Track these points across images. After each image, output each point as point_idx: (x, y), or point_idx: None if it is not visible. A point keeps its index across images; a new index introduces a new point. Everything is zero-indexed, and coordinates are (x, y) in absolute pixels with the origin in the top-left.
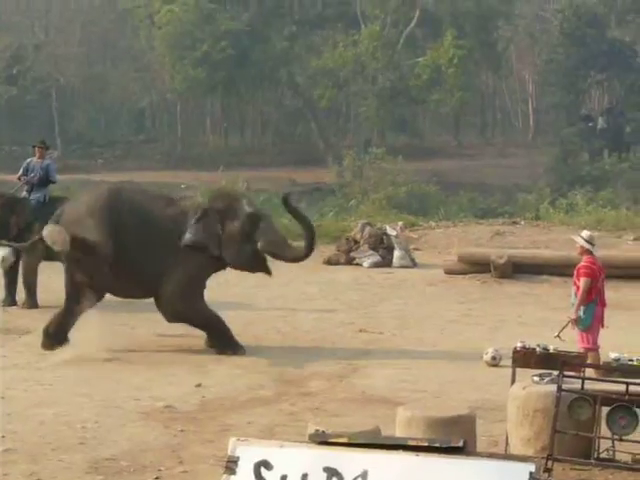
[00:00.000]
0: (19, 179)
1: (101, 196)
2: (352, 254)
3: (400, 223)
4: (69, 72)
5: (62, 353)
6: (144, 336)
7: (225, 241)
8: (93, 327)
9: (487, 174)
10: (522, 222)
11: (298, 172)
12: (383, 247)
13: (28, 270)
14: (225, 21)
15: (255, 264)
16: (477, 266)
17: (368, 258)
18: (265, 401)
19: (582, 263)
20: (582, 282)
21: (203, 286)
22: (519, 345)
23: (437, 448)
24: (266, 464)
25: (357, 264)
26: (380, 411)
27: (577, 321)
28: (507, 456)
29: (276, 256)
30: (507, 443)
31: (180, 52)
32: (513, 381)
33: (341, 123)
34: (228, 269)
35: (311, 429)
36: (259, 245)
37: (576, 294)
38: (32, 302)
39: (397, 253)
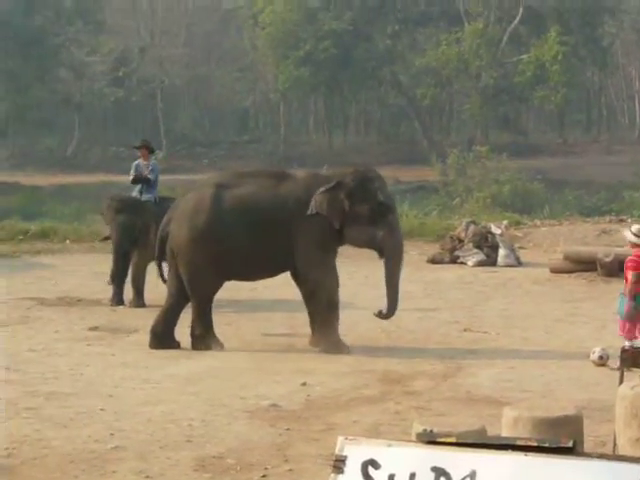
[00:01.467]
0: (134, 182)
1: (208, 189)
2: (456, 253)
3: (505, 221)
4: (174, 73)
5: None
6: (249, 335)
7: (349, 219)
8: None
9: (593, 172)
10: (629, 220)
11: (402, 171)
12: (488, 245)
13: (138, 270)
14: (328, 20)
15: (371, 247)
16: (583, 265)
17: (472, 257)
18: (370, 400)
19: (630, 257)
20: (630, 275)
21: (333, 256)
22: (627, 344)
23: (546, 448)
24: (374, 463)
25: (461, 263)
26: (485, 411)
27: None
28: (618, 457)
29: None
30: (615, 444)
31: (283, 52)
32: (621, 381)
33: (444, 121)
34: None
35: (416, 428)
36: (379, 235)
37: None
38: (139, 302)
39: (502, 252)
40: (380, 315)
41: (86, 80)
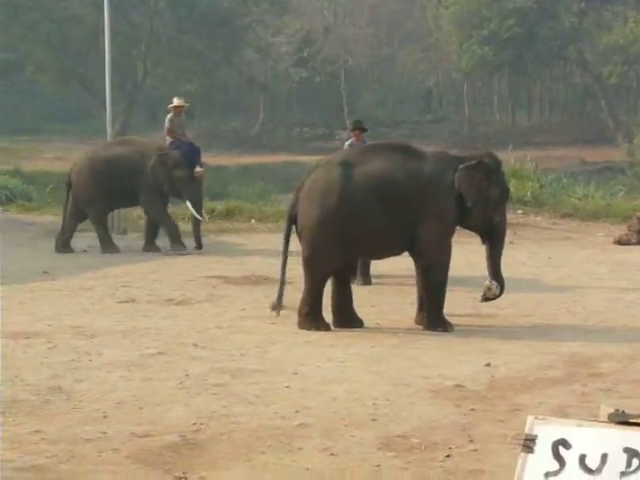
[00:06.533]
0: None
1: (335, 167)
2: None
3: None
4: (357, 53)
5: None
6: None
7: (480, 199)
8: None
9: None
10: None
11: (587, 151)
12: None
13: None
14: None
15: (485, 230)
16: None
17: None
18: (555, 381)
19: None
20: None
21: (452, 235)
22: None
23: None
24: (564, 443)
25: None
26: None
27: None
28: None
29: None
30: None
31: (467, 31)
32: None
33: (632, 100)
34: None
35: (603, 410)
36: (496, 221)
37: None
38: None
39: None
40: (488, 294)
41: (271, 61)
